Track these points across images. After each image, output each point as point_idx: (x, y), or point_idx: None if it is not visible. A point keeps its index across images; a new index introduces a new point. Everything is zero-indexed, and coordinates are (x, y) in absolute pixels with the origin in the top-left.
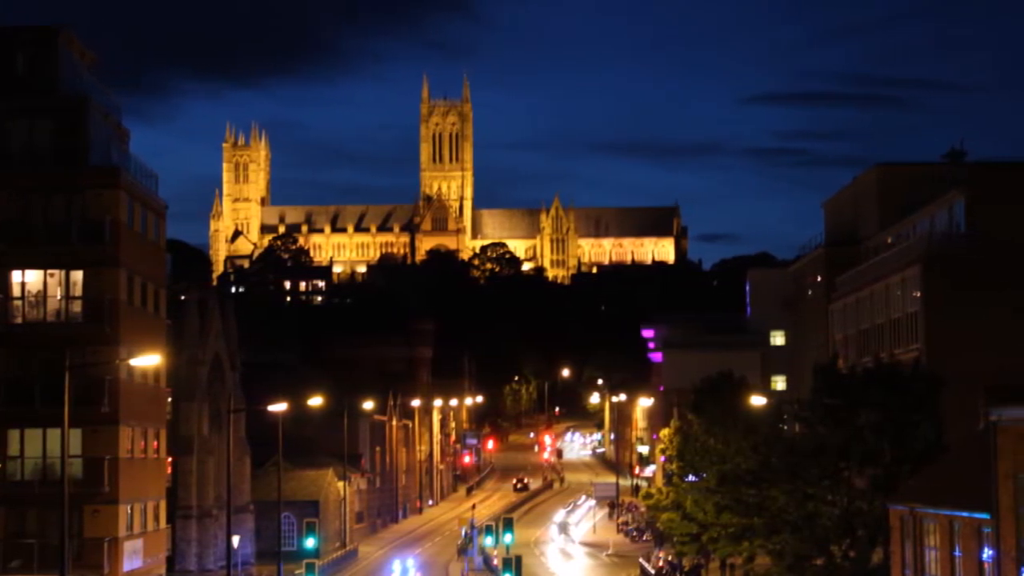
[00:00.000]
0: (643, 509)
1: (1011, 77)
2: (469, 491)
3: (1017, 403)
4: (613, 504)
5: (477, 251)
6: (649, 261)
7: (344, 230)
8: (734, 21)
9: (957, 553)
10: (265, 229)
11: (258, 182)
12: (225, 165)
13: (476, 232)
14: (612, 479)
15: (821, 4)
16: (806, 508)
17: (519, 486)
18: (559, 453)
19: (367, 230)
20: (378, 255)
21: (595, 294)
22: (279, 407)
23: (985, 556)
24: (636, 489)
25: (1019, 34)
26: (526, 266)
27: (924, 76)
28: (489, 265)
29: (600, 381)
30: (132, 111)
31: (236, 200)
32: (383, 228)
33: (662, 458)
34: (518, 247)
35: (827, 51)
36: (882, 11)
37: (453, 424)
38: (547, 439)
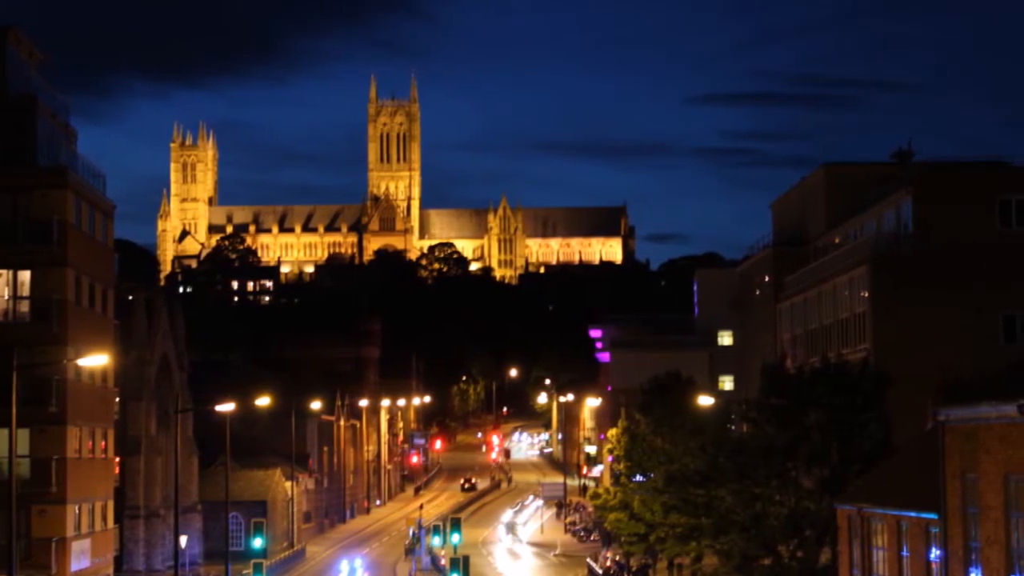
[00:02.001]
0: (591, 509)
1: (958, 77)
2: (417, 491)
3: (965, 403)
4: (561, 504)
5: (425, 251)
6: (597, 261)
7: (292, 230)
8: (683, 21)
9: (905, 553)
10: (213, 229)
11: (206, 182)
12: (173, 165)
13: (424, 232)
14: (560, 479)
15: (769, 3)
16: (754, 508)
17: (467, 486)
18: (507, 453)
19: (315, 230)
20: (326, 255)
21: (543, 294)
22: (227, 407)
23: (933, 556)
24: (584, 489)
25: (966, 34)
26: (474, 266)
27: (872, 76)
28: (437, 265)
29: (548, 381)
30: (80, 111)
31: (184, 200)
32: (331, 228)
33: (610, 458)
34: (466, 247)
35: (775, 51)
36: (829, 11)
37: (401, 424)
38: (495, 439)
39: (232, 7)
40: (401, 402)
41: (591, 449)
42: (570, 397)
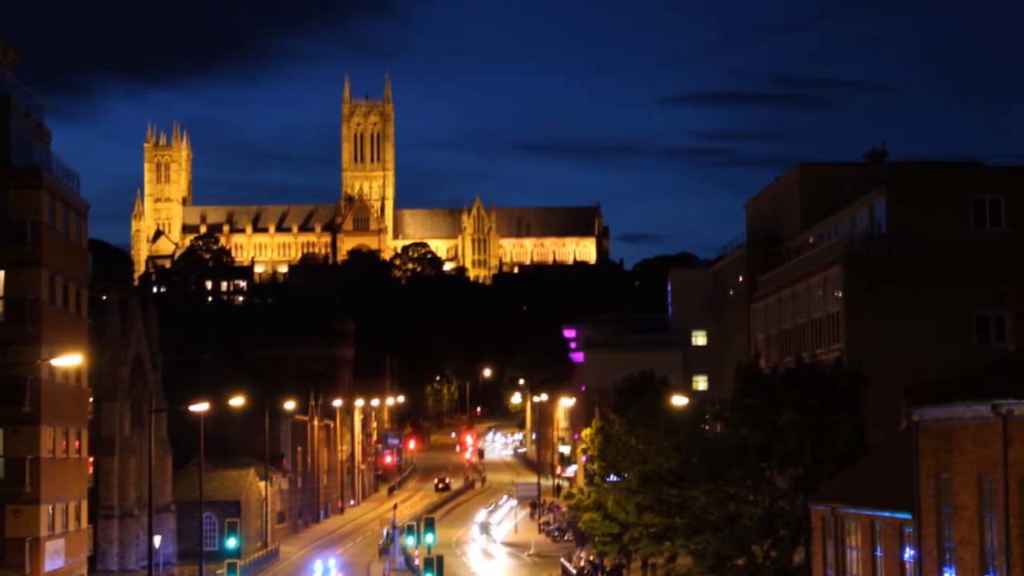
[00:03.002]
0: (564, 509)
1: (932, 77)
2: (391, 491)
3: (938, 403)
4: (535, 504)
5: (399, 251)
6: (571, 261)
7: (265, 230)
8: (656, 21)
9: (879, 553)
10: (187, 229)
11: (180, 182)
12: (147, 165)
13: (398, 232)
14: (534, 479)
15: (742, 4)
16: (728, 508)
17: (441, 486)
18: (480, 453)
19: (288, 230)
20: (300, 255)
21: (517, 294)
22: (200, 407)
23: (907, 556)
24: (558, 489)
25: (941, 35)
26: (448, 266)
27: (846, 76)
28: (411, 265)
29: (521, 381)
30: (54, 111)
31: (158, 200)
32: (304, 228)
33: (584, 458)
34: (440, 247)
35: (749, 51)
36: (803, 11)
37: (375, 424)
38: (469, 439)
39: (206, 7)
40: (375, 402)
41: (565, 449)
42: (544, 397)
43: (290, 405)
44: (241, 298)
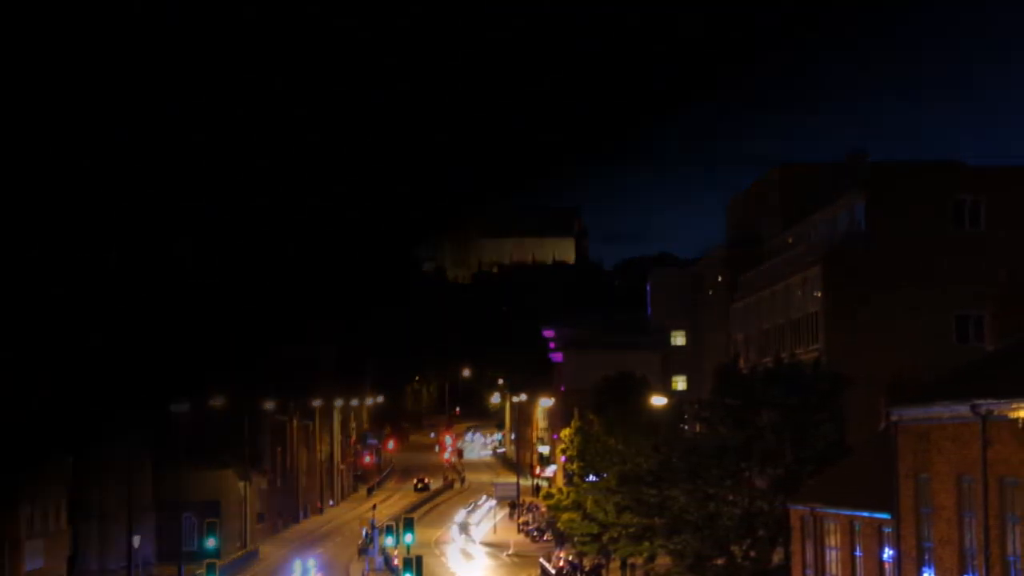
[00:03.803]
0: (544, 509)
1: (914, 77)
2: (370, 491)
3: (917, 403)
4: (514, 504)
5: None
6: (550, 261)
7: None
8: (639, 18)
9: (858, 553)
10: None
11: None
12: None
13: None
14: (513, 479)
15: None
16: (707, 508)
17: (420, 486)
18: (460, 453)
19: None
20: None
21: (496, 294)
22: (181, 407)
23: (886, 556)
24: (537, 489)
25: (923, 34)
26: (426, 266)
27: (828, 76)
28: None
29: (501, 381)
30: None
31: None
32: None
33: (563, 458)
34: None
35: None
36: (786, 10)
37: (354, 424)
38: (448, 439)
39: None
40: (354, 402)
41: (544, 449)
42: (523, 397)
43: (270, 405)
44: None
